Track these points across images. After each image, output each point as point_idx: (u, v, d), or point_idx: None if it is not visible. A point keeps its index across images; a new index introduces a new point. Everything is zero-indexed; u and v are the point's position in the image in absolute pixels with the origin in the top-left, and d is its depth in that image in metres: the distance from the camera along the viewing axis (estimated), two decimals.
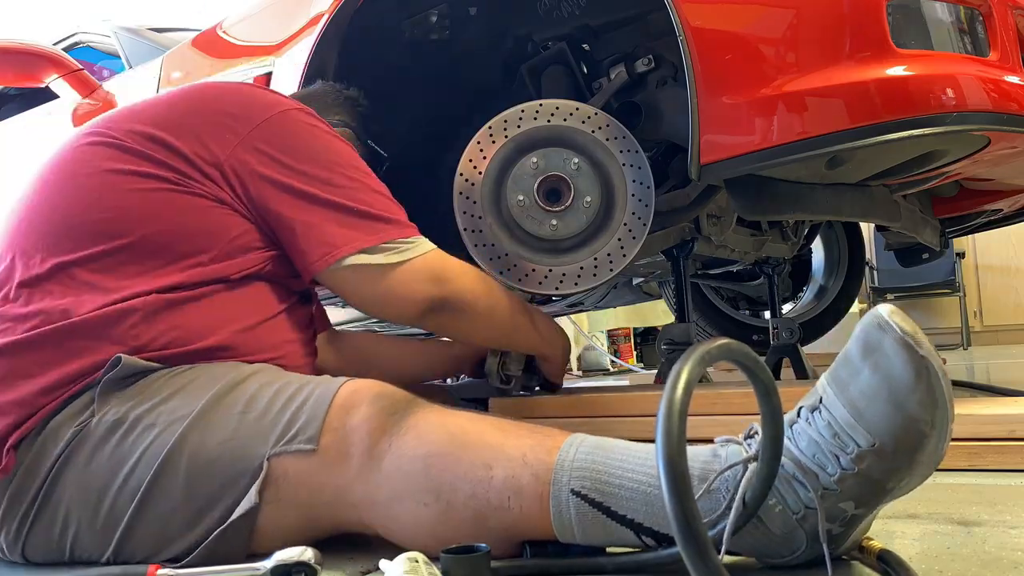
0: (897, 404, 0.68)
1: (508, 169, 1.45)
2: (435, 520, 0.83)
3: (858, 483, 0.70)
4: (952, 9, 1.26)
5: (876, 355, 0.68)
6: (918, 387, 0.67)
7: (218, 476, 0.88)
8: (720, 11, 1.27)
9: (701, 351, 0.61)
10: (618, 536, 0.78)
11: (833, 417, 0.71)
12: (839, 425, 0.70)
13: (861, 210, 1.57)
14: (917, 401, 0.67)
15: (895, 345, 0.67)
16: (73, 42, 3.17)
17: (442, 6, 1.69)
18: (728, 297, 2.74)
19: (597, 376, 4.44)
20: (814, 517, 0.71)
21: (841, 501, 0.71)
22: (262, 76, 1.85)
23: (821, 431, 0.71)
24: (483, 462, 0.83)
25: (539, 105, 1.46)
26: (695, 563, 0.54)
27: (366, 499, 0.86)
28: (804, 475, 0.72)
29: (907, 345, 0.67)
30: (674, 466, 0.55)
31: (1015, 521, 0.89)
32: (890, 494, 0.71)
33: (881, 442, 0.68)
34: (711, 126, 1.26)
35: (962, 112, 1.19)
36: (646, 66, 1.54)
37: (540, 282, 1.43)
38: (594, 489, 0.77)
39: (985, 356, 4.37)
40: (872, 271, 5.69)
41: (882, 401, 0.68)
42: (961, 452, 1.20)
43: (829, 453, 0.71)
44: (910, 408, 0.67)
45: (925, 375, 0.66)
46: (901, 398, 0.67)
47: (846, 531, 0.73)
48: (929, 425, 0.67)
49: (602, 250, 1.42)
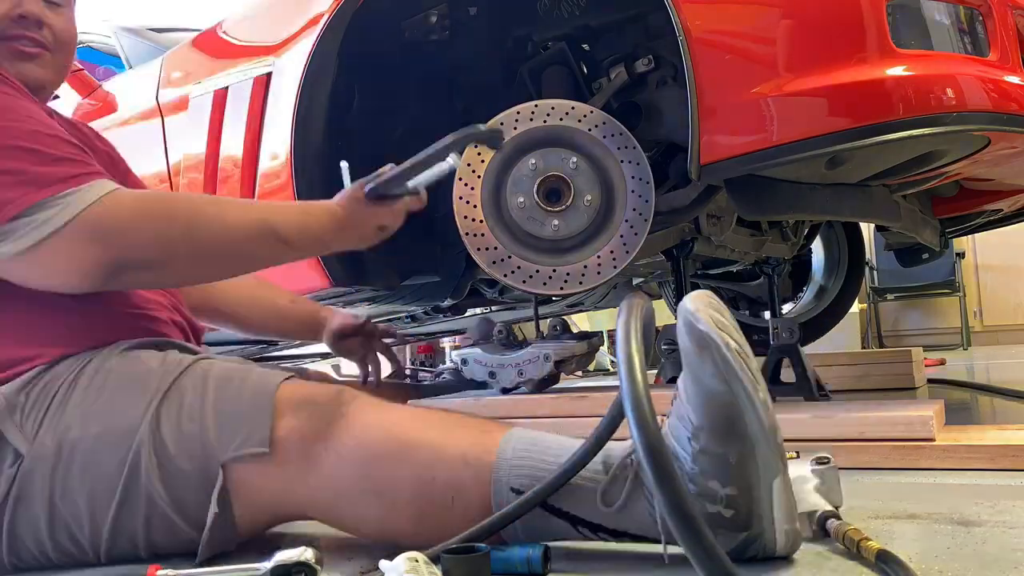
0: (696, 379, 0.72)
1: (507, 171, 1.45)
2: (380, 518, 0.86)
3: (707, 460, 0.73)
4: (952, 9, 1.26)
5: (679, 338, 0.73)
6: (704, 361, 0.71)
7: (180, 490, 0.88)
8: (720, 11, 1.27)
9: (630, 328, 0.67)
10: (556, 529, 0.81)
11: (679, 400, 0.76)
12: (681, 407, 0.75)
13: (861, 210, 1.57)
14: (710, 374, 0.71)
15: (682, 323, 0.72)
16: None
17: (442, 6, 1.69)
18: (728, 297, 2.74)
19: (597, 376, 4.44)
20: (699, 502, 0.73)
21: (707, 480, 0.73)
22: (262, 76, 1.85)
23: (676, 416, 0.76)
24: (424, 462, 0.85)
25: (535, 106, 1.46)
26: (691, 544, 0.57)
27: (309, 500, 0.89)
28: (674, 462, 0.73)
29: (687, 322, 0.71)
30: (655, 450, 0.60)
31: (1015, 521, 0.89)
32: (749, 469, 0.72)
33: (701, 417, 0.72)
34: (711, 126, 1.26)
35: (962, 112, 1.19)
36: (646, 66, 1.54)
37: (544, 283, 1.43)
38: (532, 486, 0.80)
39: (985, 356, 4.36)
40: (872, 271, 5.69)
41: (689, 379, 0.73)
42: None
43: (684, 436, 0.74)
44: (706, 382, 0.71)
45: (707, 350, 0.70)
46: (697, 373, 0.72)
47: (740, 516, 0.73)
48: (730, 395, 0.70)
49: (605, 248, 1.42)
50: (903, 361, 2.30)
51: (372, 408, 0.90)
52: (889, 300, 5.99)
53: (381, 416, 0.89)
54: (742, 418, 0.71)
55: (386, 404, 0.92)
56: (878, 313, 6.03)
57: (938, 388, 2.36)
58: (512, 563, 0.78)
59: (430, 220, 1.66)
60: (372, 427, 0.88)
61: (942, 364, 3.70)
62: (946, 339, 5.73)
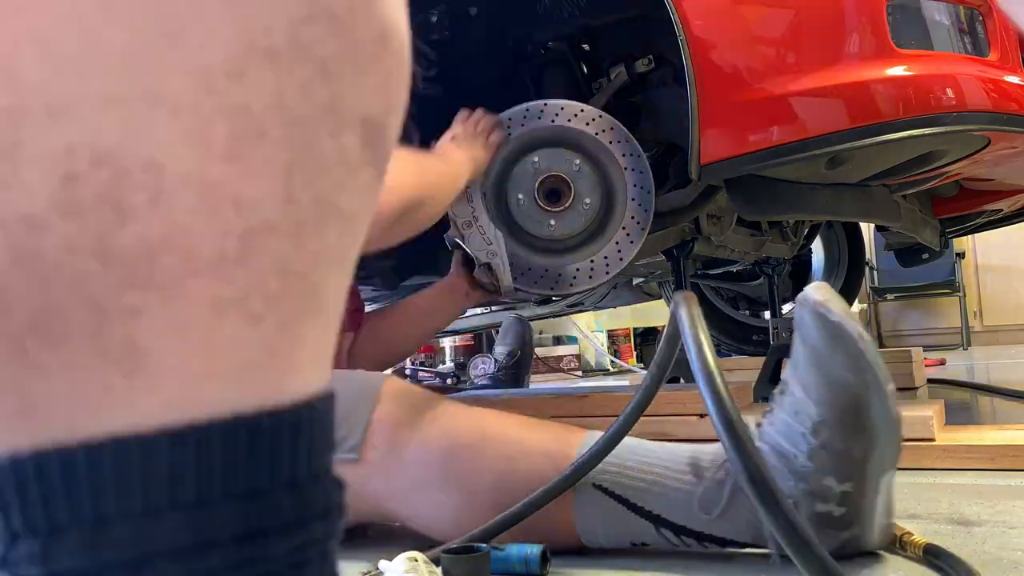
0: (824, 371, 0.70)
1: (511, 167, 1.45)
2: (457, 509, 0.85)
3: (827, 455, 0.71)
4: (952, 9, 1.26)
5: (801, 329, 0.72)
6: (836, 351, 0.69)
7: None
8: (720, 11, 1.27)
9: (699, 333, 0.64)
10: (638, 530, 0.80)
11: (793, 396, 0.73)
12: (797, 403, 0.73)
13: (861, 210, 1.57)
14: (841, 365, 0.69)
15: (810, 316, 0.71)
16: None
17: (442, 7, 1.69)
18: (728, 297, 2.74)
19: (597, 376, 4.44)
20: (807, 501, 0.72)
21: (822, 478, 0.72)
22: None
23: (787, 412, 0.74)
24: (506, 454, 0.85)
25: (544, 104, 1.46)
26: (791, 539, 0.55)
27: (386, 489, 0.88)
28: (781, 460, 0.73)
29: (818, 314, 0.70)
30: (735, 428, 0.57)
31: (1015, 521, 0.89)
32: (869, 464, 0.72)
33: (825, 411, 0.71)
34: (711, 126, 1.26)
35: (962, 112, 1.19)
36: (646, 66, 1.54)
37: (536, 281, 1.43)
38: (615, 483, 0.80)
39: (985, 356, 4.36)
40: (872, 271, 5.69)
41: (814, 372, 0.71)
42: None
43: (797, 432, 0.73)
44: (836, 373, 0.70)
45: (841, 340, 0.69)
46: (826, 365, 0.70)
47: (849, 513, 0.73)
48: (861, 387, 0.70)
49: (599, 253, 1.42)
50: (903, 361, 2.30)
51: (458, 405, 0.92)
52: (889, 300, 5.99)
53: (468, 412, 0.91)
54: (869, 410, 0.71)
55: (470, 406, 0.93)
56: (878, 313, 6.03)
57: (938, 388, 2.36)
58: (511, 563, 0.78)
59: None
60: (459, 419, 0.89)
61: (942, 364, 3.70)
62: (946, 339, 5.73)
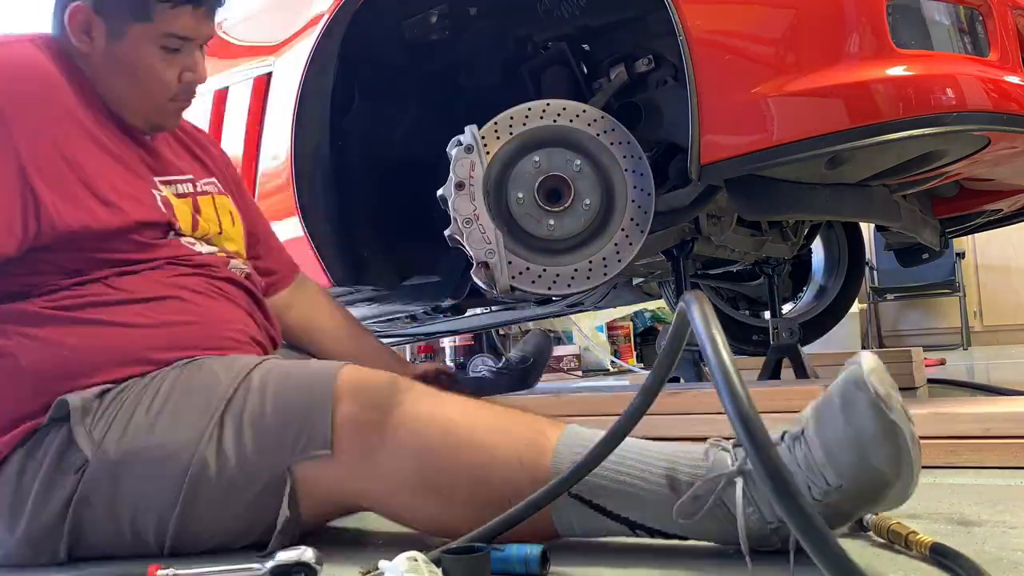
0: (864, 457, 0.72)
1: (511, 166, 1.44)
2: (436, 512, 0.87)
3: (826, 511, 0.73)
4: (952, 9, 1.26)
5: (851, 409, 0.72)
6: (884, 446, 0.71)
7: (245, 496, 0.90)
8: (720, 11, 1.27)
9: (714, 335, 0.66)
10: (614, 529, 0.82)
11: (810, 452, 0.75)
12: (814, 460, 0.74)
13: (861, 210, 1.57)
14: (883, 456, 0.71)
15: (868, 407, 0.71)
16: None
17: (442, 6, 1.69)
18: (728, 297, 2.73)
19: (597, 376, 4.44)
20: (786, 530, 0.73)
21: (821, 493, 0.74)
22: (262, 76, 1.85)
23: (799, 461, 0.75)
24: (479, 463, 0.85)
25: (546, 104, 1.46)
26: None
27: (362, 492, 0.90)
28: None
29: (878, 408, 0.71)
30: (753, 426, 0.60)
31: (1015, 521, 0.89)
32: (860, 516, 0.77)
33: (846, 485, 0.73)
34: (711, 126, 1.26)
35: (962, 112, 1.19)
36: (646, 66, 1.54)
37: (533, 281, 1.43)
38: (590, 492, 0.81)
39: (985, 356, 4.36)
40: (872, 271, 5.68)
41: (852, 452, 0.72)
42: (939, 450, 1.22)
43: (803, 482, 0.74)
44: (875, 462, 0.72)
45: (892, 437, 0.71)
46: (868, 453, 0.72)
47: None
48: (894, 476, 0.72)
49: (597, 254, 1.42)
50: (903, 361, 2.30)
51: (427, 399, 0.91)
52: (889, 300, 5.98)
53: (434, 409, 0.89)
54: (889, 490, 0.73)
55: (441, 395, 0.92)
56: (878, 313, 6.03)
57: (938, 388, 2.36)
58: (511, 563, 0.78)
59: (430, 220, 1.66)
60: (424, 420, 0.88)
61: (942, 364, 3.70)
62: (946, 339, 5.72)
